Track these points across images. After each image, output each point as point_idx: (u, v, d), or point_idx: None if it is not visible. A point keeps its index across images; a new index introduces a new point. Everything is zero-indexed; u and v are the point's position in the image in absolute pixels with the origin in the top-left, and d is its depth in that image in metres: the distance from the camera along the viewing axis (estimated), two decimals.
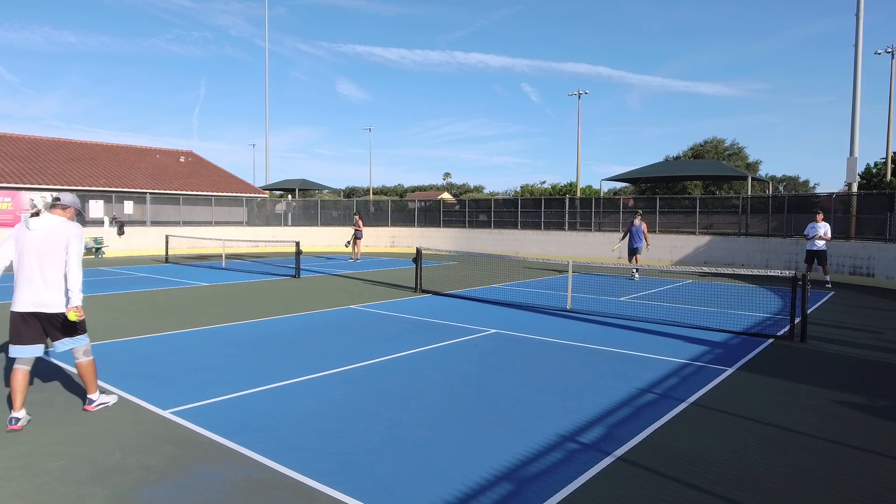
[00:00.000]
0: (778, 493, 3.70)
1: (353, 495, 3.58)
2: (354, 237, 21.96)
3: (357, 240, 21.97)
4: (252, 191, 32.62)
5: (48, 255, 4.69)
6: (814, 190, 59.21)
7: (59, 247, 4.72)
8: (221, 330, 8.69)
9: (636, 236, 16.38)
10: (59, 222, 4.79)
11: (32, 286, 4.69)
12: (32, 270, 4.68)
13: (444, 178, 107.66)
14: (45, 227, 4.73)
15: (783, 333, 8.59)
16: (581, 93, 43.96)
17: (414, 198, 54.51)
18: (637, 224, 16.44)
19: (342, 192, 69.16)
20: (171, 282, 14.81)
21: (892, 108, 35.19)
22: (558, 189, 61.39)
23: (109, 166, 29.13)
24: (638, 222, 16.48)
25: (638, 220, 16.53)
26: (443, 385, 5.97)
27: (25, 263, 4.70)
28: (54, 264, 4.71)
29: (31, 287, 4.69)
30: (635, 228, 16.42)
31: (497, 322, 9.50)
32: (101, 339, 7.84)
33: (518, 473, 3.94)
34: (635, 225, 16.45)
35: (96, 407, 5.10)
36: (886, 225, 16.68)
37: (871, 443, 4.59)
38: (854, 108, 20.76)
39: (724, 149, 53.29)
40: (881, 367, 7.05)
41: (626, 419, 5.02)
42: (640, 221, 16.54)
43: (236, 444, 4.37)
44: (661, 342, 8.14)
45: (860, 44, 20.62)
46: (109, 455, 4.17)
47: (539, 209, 26.21)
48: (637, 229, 16.39)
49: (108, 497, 3.55)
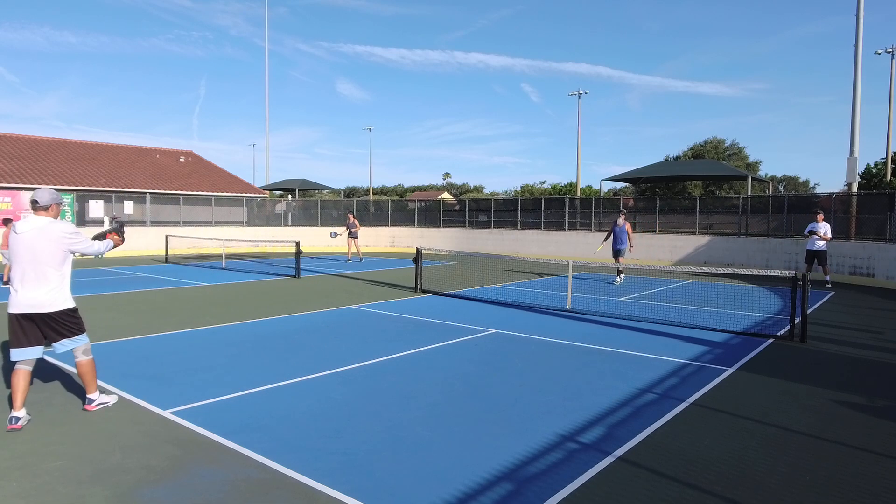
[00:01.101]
0: (778, 493, 3.70)
1: (353, 495, 3.58)
2: (350, 236, 21.73)
3: (354, 239, 21.78)
4: (252, 191, 32.62)
5: (39, 255, 4.73)
6: (814, 190, 59.23)
7: (49, 248, 4.76)
8: (221, 330, 8.69)
9: (620, 237, 15.19)
10: (45, 223, 4.81)
11: (25, 288, 4.74)
12: (25, 272, 4.73)
13: (444, 178, 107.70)
14: (32, 229, 4.76)
15: (783, 333, 8.59)
16: (581, 93, 44.00)
17: (414, 198, 54.51)
18: (621, 224, 15.20)
19: (342, 192, 69.18)
20: (171, 282, 14.81)
21: (892, 108, 35.21)
22: (558, 189, 61.40)
23: (109, 166, 29.13)
24: (622, 222, 15.24)
25: (622, 220, 15.30)
26: (443, 385, 5.97)
27: (18, 266, 4.75)
28: (46, 264, 4.75)
29: (25, 288, 4.74)
30: (619, 228, 15.19)
31: (497, 322, 9.50)
32: (101, 339, 7.84)
33: (518, 473, 3.93)
34: (619, 225, 15.21)
35: (96, 406, 5.10)
36: (886, 225, 16.69)
37: (871, 443, 4.59)
38: (854, 108, 20.76)
39: (724, 149, 53.29)
40: (881, 367, 7.05)
41: (626, 419, 5.02)
42: (625, 221, 15.33)
43: (236, 444, 4.37)
44: (660, 342, 8.14)
45: (860, 44, 20.62)
46: (109, 455, 4.17)
47: (539, 209, 26.21)
48: (621, 229, 15.17)
49: (108, 497, 3.55)
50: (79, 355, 5.02)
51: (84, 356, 5.03)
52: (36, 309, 4.75)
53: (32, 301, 4.73)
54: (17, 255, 4.75)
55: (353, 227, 21.68)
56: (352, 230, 21.68)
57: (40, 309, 4.76)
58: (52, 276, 4.78)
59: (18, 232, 4.76)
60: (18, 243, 4.74)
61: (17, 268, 4.75)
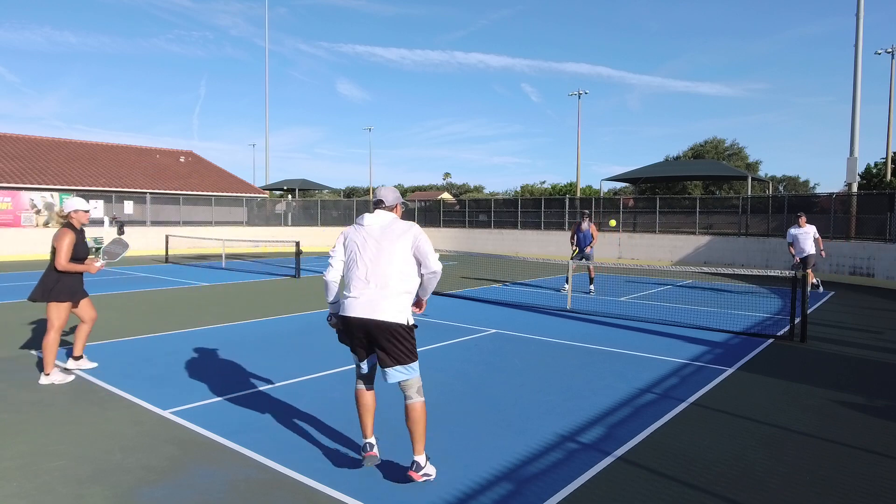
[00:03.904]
0: (778, 493, 3.69)
1: (353, 495, 3.58)
2: None
3: None
4: (252, 191, 32.62)
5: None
6: (814, 190, 59.23)
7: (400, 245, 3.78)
8: (221, 330, 8.69)
9: (584, 242, 13.39)
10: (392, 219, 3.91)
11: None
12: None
13: (444, 178, 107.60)
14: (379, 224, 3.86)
15: (783, 333, 8.59)
16: (581, 93, 43.97)
17: (414, 198, 54.49)
18: (585, 228, 13.36)
19: (342, 192, 69.16)
20: (171, 282, 14.81)
21: (892, 108, 35.20)
22: (558, 189, 61.43)
23: (109, 166, 29.13)
24: (586, 226, 13.37)
25: (586, 223, 13.39)
26: (442, 385, 5.97)
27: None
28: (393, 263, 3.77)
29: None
30: (583, 234, 13.39)
31: (497, 322, 9.50)
32: (101, 339, 7.85)
33: (518, 473, 3.93)
34: (583, 230, 13.39)
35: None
36: (886, 225, 16.69)
37: (871, 443, 4.59)
38: (854, 108, 20.77)
39: (724, 149, 53.29)
40: (881, 367, 7.05)
41: (625, 419, 5.02)
42: (589, 223, 13.42)
43: (236, 444, 4.37)
44: (660, 342, 8.14)
45: (860, 44, 20.63)
46: (109, 455, 4.17)
47: (539, 209, 26.22)
48: (586, 234, 13.37)
49: (108, 497, 3.55)
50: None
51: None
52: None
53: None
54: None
55: None
56: None
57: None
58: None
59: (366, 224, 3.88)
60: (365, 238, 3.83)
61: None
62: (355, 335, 3.79)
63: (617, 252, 22.96)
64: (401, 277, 3.72)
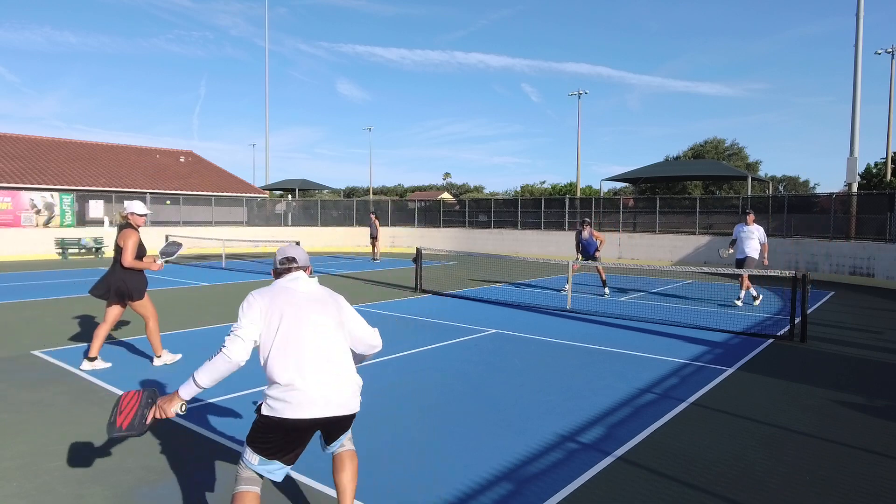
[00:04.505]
0: (778, 493, 3.69)
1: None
2: (372, 237, 22.37)
3: (374, 240, 22.35)
4: (252, 191, 32.63)
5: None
6: (814, 190, 59.22)
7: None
8: (221, 330, 8.69)
9: (590, 248, 13.29)
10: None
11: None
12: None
13: (444, 178, 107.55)
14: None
15: (783, 333, 8.58)
16: (581, 93, 43.96)
17: (414, 198, 54.49)
18: (586, 236, 13.25)
19: (342, 192, 69.18)
20: (171, 282, 14.81)
21: (892, 108, 35.20)
22: (558, 189, 61.43)
23: (109, 166, 29.13)
24: (587, 234, 13.25)
25: (587, 231, 13.28)
26: (442, 385, 5.97)
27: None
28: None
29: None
30: (586, 241, 13.28)
31: (497, 322, 9.50)
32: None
33: (518, 473, 3.93)
34: (584, 237, 13.28)
35: None
36: (886, 225, 16.69)
37: (871, 443, 4.59)
38: (854, 108, 20.76)
39: (724, 149, 53.28)
40: (881, 367, 7.05)
41: (625, 419, 5.02)
42: (590, 231, 13.32)
43: (236, 444, 4.37)
44: (660, 342, 8.14)
45: (860, 44, 20.62)
46: (109, 455, 4.17)
47: (539, 209, 26.21)
48: (589, 241, 13.26)
49: (107, 497, 3.55)
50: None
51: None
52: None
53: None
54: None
55: (374, 227, 22.42)
56: (373, 231, 22.41)
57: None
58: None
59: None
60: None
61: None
62: (297, 438, 2.80)
63: (617, 252, 22.95)
64: (349, 357, 3.08)
